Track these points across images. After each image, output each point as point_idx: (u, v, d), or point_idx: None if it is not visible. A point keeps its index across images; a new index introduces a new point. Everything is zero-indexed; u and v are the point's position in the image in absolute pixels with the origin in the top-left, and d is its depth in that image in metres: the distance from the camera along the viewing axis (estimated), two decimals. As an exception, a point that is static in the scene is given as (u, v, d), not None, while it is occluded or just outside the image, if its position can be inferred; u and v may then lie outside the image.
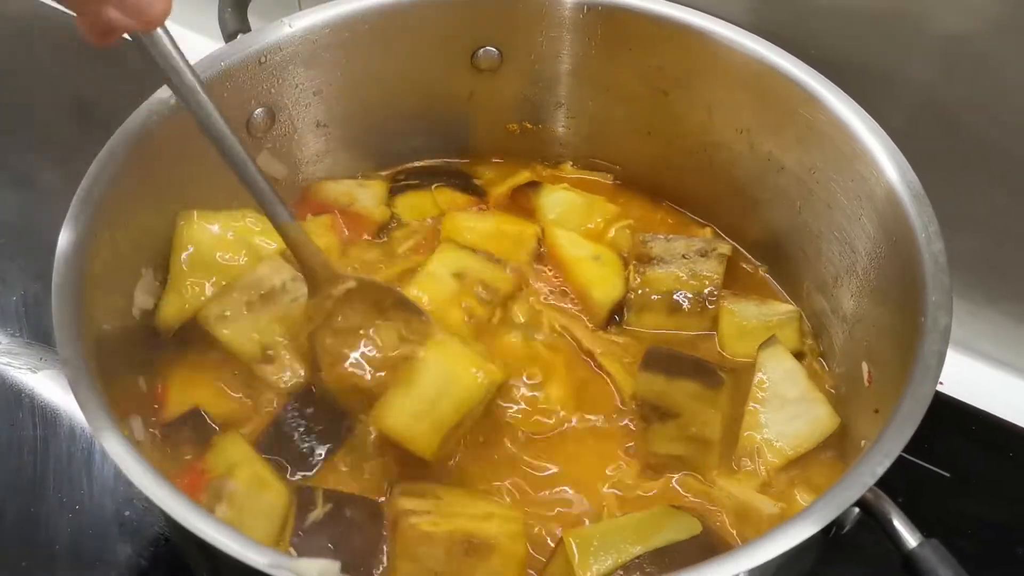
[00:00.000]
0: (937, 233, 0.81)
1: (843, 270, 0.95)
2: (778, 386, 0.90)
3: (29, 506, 0.96)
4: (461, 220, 1.06)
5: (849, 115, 0.90)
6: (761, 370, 0.90)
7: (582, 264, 1.02)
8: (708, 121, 1.03)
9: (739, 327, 0.98)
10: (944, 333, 0.75)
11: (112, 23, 0.62)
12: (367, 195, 1.08)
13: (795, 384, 0.90)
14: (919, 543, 0.66)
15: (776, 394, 0.89)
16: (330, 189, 1.08)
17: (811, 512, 0.65)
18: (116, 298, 0.86)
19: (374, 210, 1.07)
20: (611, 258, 1.03)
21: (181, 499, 0.65)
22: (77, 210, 0.81)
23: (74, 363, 0.72)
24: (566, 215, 1.08)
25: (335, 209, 1.07)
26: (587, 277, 1.01)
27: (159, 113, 0.89)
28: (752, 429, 0.88)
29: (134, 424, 0.83)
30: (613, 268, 1.02)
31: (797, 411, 0.89)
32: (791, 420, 0.88)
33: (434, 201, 1.10)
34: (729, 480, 0.87)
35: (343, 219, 1.06)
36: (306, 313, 0.87)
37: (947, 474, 0.99)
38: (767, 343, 0.92)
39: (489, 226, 1.05)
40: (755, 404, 0.89)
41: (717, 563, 0.63)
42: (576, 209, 1.09)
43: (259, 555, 0.60)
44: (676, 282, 0.98)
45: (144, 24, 0.63)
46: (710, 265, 0.99)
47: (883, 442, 0.69)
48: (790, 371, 0.91)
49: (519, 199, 1.10)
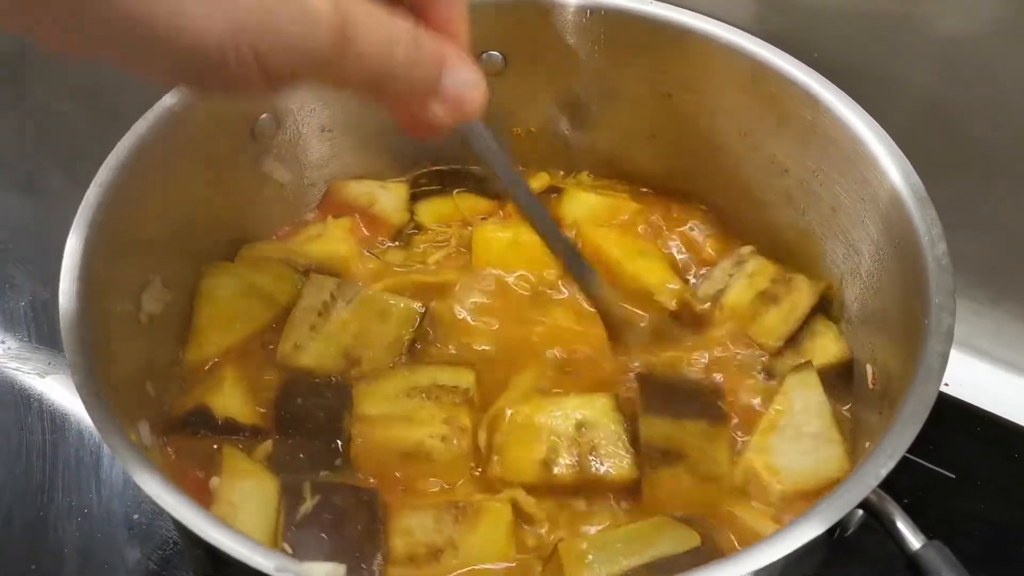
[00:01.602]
0: (940, 235, 0.81)
1: (847, 272, 0.95)
2: (799, 415, 0.86)
3: (38, 510, 0.97)
4: (491, 232, 1.04)
5: (852, 118, 0.90)
6: (787, 394, 0.87)
7: (633, 263, 1.01)
8: (711, 124, 1.03)
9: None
10: (947, 334, 0.75)
11: (435, 120, 0.61)
12: (388, 197, 1.08)
13: (818, 418, 0.87)
14: (923, 544, 0.66)
15: (793, 423, 0.86)
16: (351, 189, 1.09)
17: (815, 514, 0.66)
18: (124, 304, 0.87)
19: (393, 213, 1.07)
20: (651, 250, 1.03)
21: (188, 503, 0.65)
22: (85, 215, 0.82)
23: (82, 368, 0.73)
24: (590, 216, 1.07)
25: (355, 210, 1.07)
26: (648, 275, 1.00)
27: (167, 119, 0.89)
28: (755, 453, 0.85)
29: (142, 429, 0.83)
30: (658, 262, 1.02)
31: (811, 446, 0.85)
32: (803, 454, 0.85)
33: (456, 207, 1.09)
34: (739, 508, 0.84)
35: (362, 220, 1.07)
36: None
37: (952, 475, 0.99)
38: (801, 367, 0.89)
39: (520, 236, 1.03)
40: (766, 432, 0.86)
41: (722, 565, 0.63)
42: (599, 210, 1.08)
43: (266, 559, 0.61)
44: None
45: (464, 117, 0.61)
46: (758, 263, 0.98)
47: (887, 444, 0.69)
48: (816, 404, 0.87)
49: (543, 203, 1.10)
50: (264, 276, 0.98)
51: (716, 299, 0.95)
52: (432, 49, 0.58)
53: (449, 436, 0.85)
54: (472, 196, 1.10)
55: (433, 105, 0.60)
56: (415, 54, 0.57)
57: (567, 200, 1.09)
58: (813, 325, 0.95)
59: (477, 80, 0.61)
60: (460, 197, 1.10)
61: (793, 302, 0.95)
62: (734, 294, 0.96)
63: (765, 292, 0.95)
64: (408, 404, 0.87)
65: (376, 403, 0.88)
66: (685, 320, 0.96)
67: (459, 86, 0.60)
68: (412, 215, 1.08)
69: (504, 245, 1.03)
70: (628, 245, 1.03)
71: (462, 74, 0.60)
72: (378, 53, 0.54)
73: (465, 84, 0.60)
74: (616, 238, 1.04)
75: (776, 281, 0.95)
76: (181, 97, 0.91)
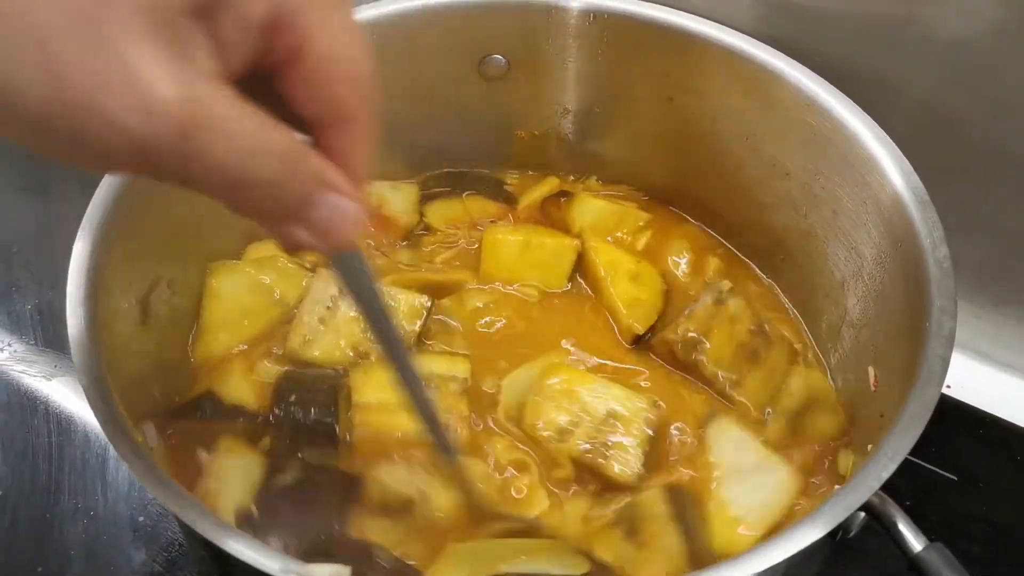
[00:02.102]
0: (941, 238, 0.81)
1: (849, 275, 0.95)
2: (733, 459, 0.87)
3: (44, 512, 0.97)
4: (501, 235, 1.05)
5: (853, 121, 0.90)
6: (711, 450, 0.87)
7: (618, 283, 1.01)
8: (713, 127, 1.03)
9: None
10: (949, 337, 0.75)
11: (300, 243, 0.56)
12: (398, 198, 1.09)
13: (750, 452, 0.87)
14: (924, 547, 0.66)
15: (733, 467, 0.86)
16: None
17: (817, 516, 0.66)
18: (129, 305, 0.87)
19: (402, 215, 1.08)
20: (651, 277, 1.02)
21: (194, 505, 0.66)
22: (91, 218, 0.82)
23: (88, 370, 0.73)
24: (598, 223, 1.08)
25: (368, 209, 1.07)
26: (621, 298, 1.00)
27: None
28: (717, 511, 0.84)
29: (147, 431, 0.84)
30: (650, 288, 1.01)
31: (760, 480, 0.86)
32: (756, 490, 0.85)
33: (465, 209, 1.10)
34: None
35: (371, 221, 1.07)
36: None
37: (954, 477, 1.00)
38: (710, 419, 0.90)
39: (529, 239, 1.04)
40: (714, 485, 0.86)
41: (723, 568, 0.63)
42: (608, 217, 1.08)
43: (271, 561, 0.61)
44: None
45: (329, 248, 0.57)
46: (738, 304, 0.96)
47: (888, 446, 0.69)
48: (739, 440, 0.88)
49: (549, 209, 1.10)
50: (271, 274, 0.99)
51: (699, 345, 0.93)
52: (308, 169, 0.53)
53: (450, 426, 0.87)
54: (482, 199, 1.11)
55: (297, 228, 0.54)
56: (282, 171, 0.51)
57: (576, 205, 1.09)
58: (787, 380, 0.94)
59: (353, 212, 0.56)
60: (470, 199, 1.10)
61: (773, 364, 0.93)
62: (717, 341, 0.93)
63: (744, 344, 0.94)
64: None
65: (374, 391, 0.89)
66: (670, 363, 0.96)
67: (331, 214, 0.54)
68: (421, 216, 1.09)
69: (515, 248, 1.04)
70: (622, 264, 1.03)
71: (337, 202, 0.54)
72: (234, 164, 0.48)
73: (338, 213, 0.55)
74: (612, 255, 1.04)
75: (754, 332, 0.94)
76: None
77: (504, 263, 1.03)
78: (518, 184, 1.15)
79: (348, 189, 0.55)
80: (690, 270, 1.07)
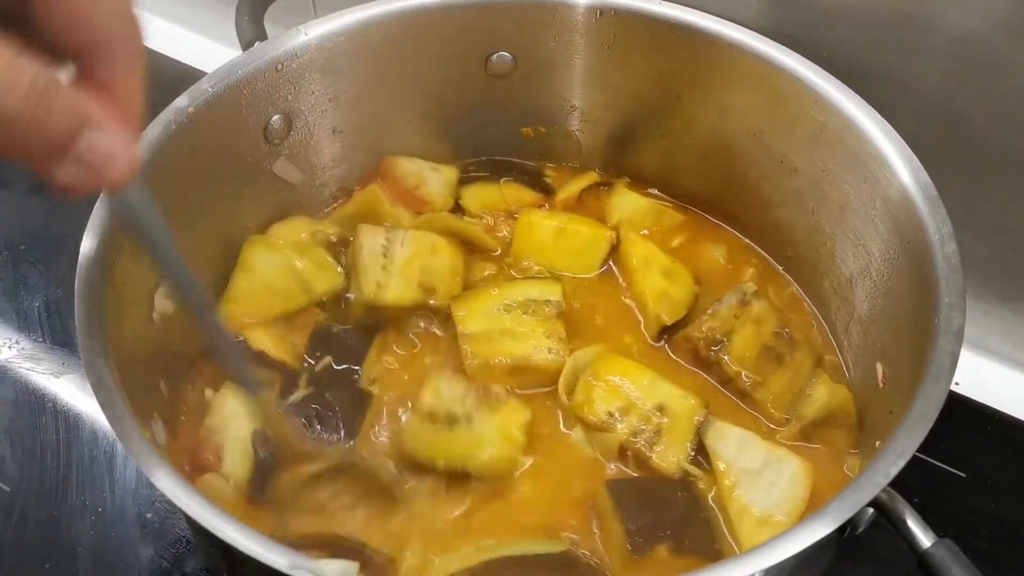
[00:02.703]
0: (950, 234, 0.81)
1: (857, 271, 0.95)
2: (738, 462, 0.86)
3: (52, 509, 0.97)
4: (536, 218, 1.05)
5: (861, 117, 0.90)
6: (717, 456, 0.87)
7: (650, 276, 1.01)
8: (721, 124, 1.03)
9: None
10: (957, 334, 0.75)
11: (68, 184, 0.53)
12: (437, 180, 1.10)
13: (754, 451, 0.87)
14: (933, 543, 0.66)
15: (743, 469, 0.86)
16: (402, 166, 1.10)
17: (825, 513, 0.66)
18: (137, 303, 0.87)
19: (438, 198, 1.09)
20: (684, 276, 1.02)
21: (203, 502, 0.66)
22: (98, 217, 0.82)
23: (96, 368, 0.73)
24: (634, 217, 1.08)
25: (400, 188, 1.08)
26: (651, 290, 1.00)
27: (178, 122, 0.90)
28: (740, 519, 0.83)
29: (155, 427, 0.84)
30: (682, 286, 1.01)
31: (772, 476, 0.85)
32: (771, 487, 0.84)
33: (501, 195, 1.11)
34: None
35: (406, 199, 1.08)
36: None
37: (963, 474, 0.99)
38: (705, 424, 0.88)
39: (564, 225, 1.04)
40: (728, 492, 0.85)
41: (733, 563, 0.63)
42: (645, 213, 1.09)
43: (280, 556, 0.61)
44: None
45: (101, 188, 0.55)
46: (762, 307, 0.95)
47: (896, 443, 0.69)
48: (741, 440, 0.87)
49: (587, 200, 1.10)
50: (308, 262, 1.00)
51: (722, 344, 0.93)
52: (69, 104, 0.51)
53: (554, 347, 0.93)
54: (519, 186, 1.11)
55: (62, 168, 0.52)
56: (38, 105, 0.49)
57: (616, 195, 1.09)
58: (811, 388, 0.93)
59: (124, 148, 0.53)
60: (507, 186, 1.11)
61: (797, 366, 0.93)
62: (740, 341, 0.93)
63: (769, 347, 0.93)
64: (506, 319, 0.94)
65: (477, 320, 0.94)
66: (690, 361, 0.96)
67: (99, 151, 0.52)
68: (457, 200, 1.10)
69: (548, 233, 1.04)
70: (657, 260, 1.02)
71: (106, 139, 0.52)
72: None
73: (108, 149, 0.52)
74: (648, 249, 1.03)
75: (779, 336, 0.93)
76: (192, 99, 0.91)
77: (536, 246, 1.04)
78: (556, 177, 1.15)
79: (115, 124, 0.53)
80: (722, 275, 1.06)
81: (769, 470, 0.85)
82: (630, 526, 0.80)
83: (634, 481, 0.87)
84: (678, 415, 0.88)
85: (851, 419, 0.92)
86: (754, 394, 0.92)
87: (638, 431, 0.88)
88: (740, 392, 0.93)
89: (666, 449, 0.87)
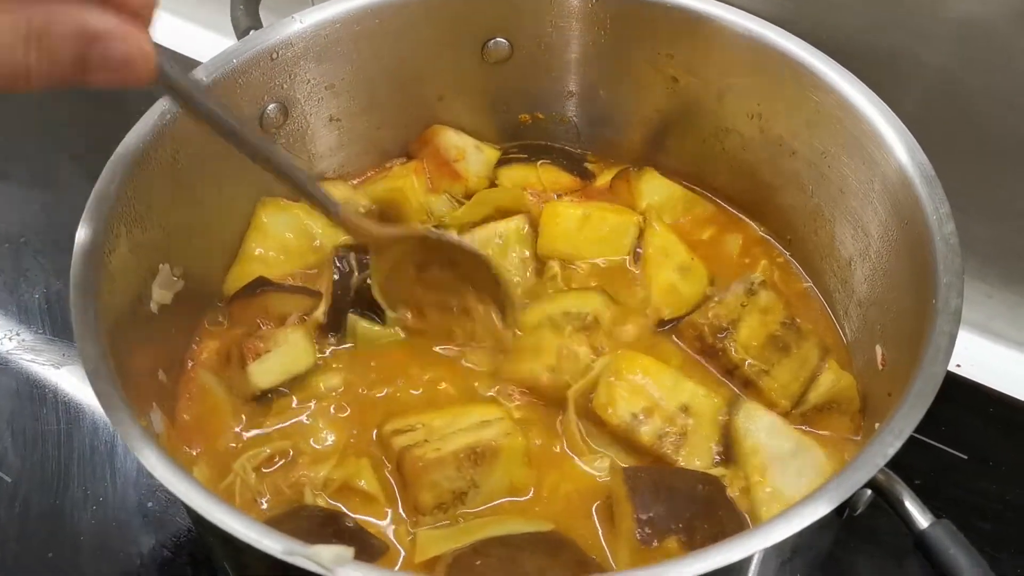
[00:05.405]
0: (948, 215, 0.81)
1: (856, 253, 0.94)
2: (770, 446, 0.85)
3: (54, 499, 0.98)
4: (562, 208, 1.05)
5: (858, 97, 0.89)
6: (749, 436, 0.85)
7: (664, 270, 1.00)
8: (719, 107, 1.03)
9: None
10: (955, 314, 0.75)
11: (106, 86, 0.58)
12: (477, 159, 1.10)
13: (784, 437, 0.86)
14: (930, 523, 0.66)
15: (774, 454, 0.84)
16: (447, 138, 1.10)
17: (822, 494, 0.65)
18: (134, 293, 0.87)
19: (474, 176, 1.09)
20: (698, 274, 1.00)
21: (200, 490, 0.66)
22: (94, 207, 0.82)
23: (93, 358, 0.73)
24: (665, 205, 1.07)
25: (440, 158, 1.09)
26: (659, 283, 1.00)
27: (172, 112, 0.89)
28: (768, 505, 0.82)
29: (154, 417, 0.84)
30: (694, 283, 1.00)
31: (801, 464, 0.84)
32: (800, 475, 0.83)
33: (538, 176, 1.10)
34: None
35: (443, 170, 1.09)
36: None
37: (964, 456, 0.99)
38: (736, 405, 0.88)
39: (590, 212, 1.03)
40: (758, 477, 0.84)
41: (730, 544, 0.63)
42: (677, 202, 1.08)
43: (275, 542, 0.61)
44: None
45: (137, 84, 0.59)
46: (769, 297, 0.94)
47: (894, 423, 0.68)
48: (770, 425, 0.86)
49: (619, 187, 1.09)
50: (318, 222, 1.01)
51: (728, 332, 0.92)
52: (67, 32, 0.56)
53: (559, 367, 0.91)
54: (556, 169, 1.11)
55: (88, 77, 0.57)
56: (39, 48, 0.55)
57: (646, 180, 1.08)
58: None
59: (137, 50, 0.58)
60: (544, 168, 1.10)
61: (804, 356, 0.92)
62: (747, 330, 0.92)
63: (775, 336, 0.92)
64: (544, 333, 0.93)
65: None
66: (695, 348, 0.95)
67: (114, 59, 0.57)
68: (493, 181, 1.10)
69: (573, 222, 1.03)
70: (676, 254, 1.01)
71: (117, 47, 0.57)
72: None
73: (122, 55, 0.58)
74: (669, 241, 1.02)
75: (786, 326, 0.92)
76: (188, 87, 0.91)
77: (562, 235, 1.02)
78: (598, 164, 1.14)
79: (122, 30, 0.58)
80: (739, 269, 1.03)
81: (798, 458, 0.84)
82: (641, 515, 0.78)
83: (653, 470, 0.85)
84: (702, 415, 0.87)
85: (854, 406, 0.91)
86: (759, 382, 0.91)
87: (663, 434, 0.86)
88: (745, 380, 0.92)
89: (691, 452, 0.86)
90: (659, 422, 0.86)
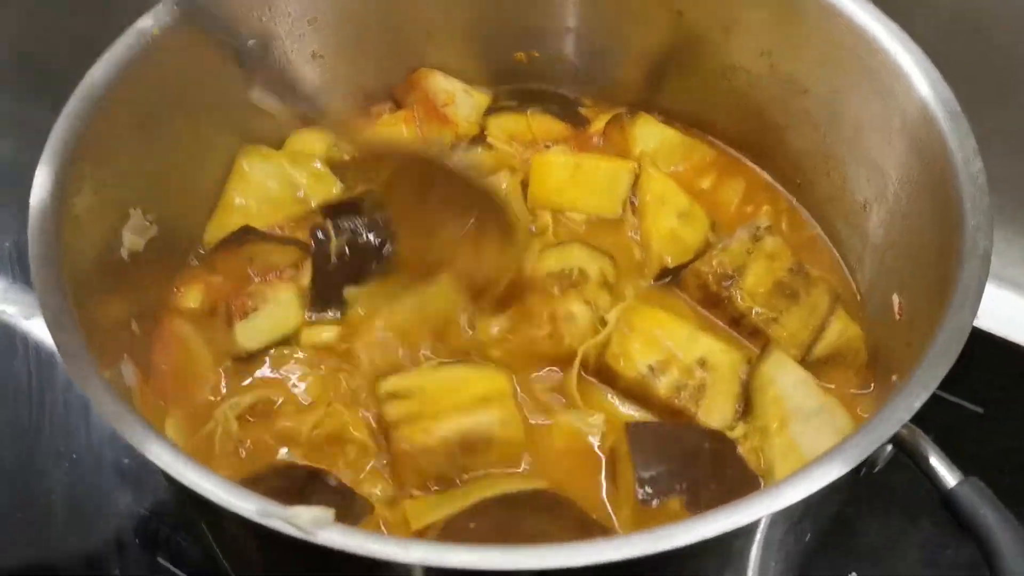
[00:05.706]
0: (975, 151, 0.76)
1: (872, 196, 0.90)
2: (794, 399, 0.82)
3: (23, 455, 0.95)
4: (552, 157, 1.01)
5: (874, 24, 0.85)
6: (774, 384, 0.82)
7: (663, 217, 0.96)
8: (726, 42, 0.98)
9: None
10: (984, 258, 0.71)
11: None
12: (467, 103, 1.06)
13: (811, 394, 0.83)
14: (959, 482, 0.63)
15: (797, 407, 0.81)
16: (435, 82, 1.06)
17: (841, 450, 0.61)
18: (102, 239, 0.83)
19: (464, 121, 1.06)
20: (699, 220, 0.96)
21: (169, 448, 0.62)
22: (56, 145, 0.78)
23: (53, 306, 0.70)
24: (660, 151, 1.02)
25: (428, 103, 1.05)
26: (659, 230, 0.95)
27: (142, 44, 0.85)
28: (784, 455, 0.79)
29: (124, 369, 0.80)
30: (695, 228, 0.96)
31: (821, 423, 0.81)
32: (819, 434, 0.80)
33: (528, 125, 1.06)
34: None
35: (431, 114, 1.05)
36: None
37: (981, 410, 0.97)
38: (765, 353, 0.85)
39: (582, 164, 0.99)
40: (776, 425, 0.81)
41: (746, 503, 0.59)
42: (674, 148, 1.04)
43: (248, 503, 0.57)
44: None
45: None
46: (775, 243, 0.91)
47: (920, 374, 0.65)
48: (797, 379, 0.83)
49: (611, 133, 1.05)
50: (303, 173, 0.98)
51: (733, 279, 0.89)
52: None
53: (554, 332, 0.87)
54: (548, 117, 1.06)
55: None
56: None
57: (639, 125, 1.04)
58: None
59: None
60: (534, 117, 1.06)
61: (813, 303, 0.88)
62: (753, 277, 0.89)
63: (783, 283, 0.88)
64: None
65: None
66: (698, 298, 0.92)
67: None
68: (482, 129, 1.05)
69: (564, 172, 0.99)
70: (674, 200, 0.97)
71: None
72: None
73: None
74: (666, 187, 0.97)
75: (794, 272, 0.89)
76: (157, 19, 0.86)
77: (553, 187, 0.98)
78: (593, 108, 1.09)
79: None
80: (741, 218, 1.00)
81: (821, 416, 0.81)
82: (643, 474, 0.75)
83: (658, 426, 0.82)
84: (720, 369, 0.84)
85: (860, 359, 0.88)
86: (768, 330, 0.87)
87: (681, 386, 0.83)
88: (752, 330, 0.88)
89: (710, 405, 0.82)
90: (677, 374, 0.83)
